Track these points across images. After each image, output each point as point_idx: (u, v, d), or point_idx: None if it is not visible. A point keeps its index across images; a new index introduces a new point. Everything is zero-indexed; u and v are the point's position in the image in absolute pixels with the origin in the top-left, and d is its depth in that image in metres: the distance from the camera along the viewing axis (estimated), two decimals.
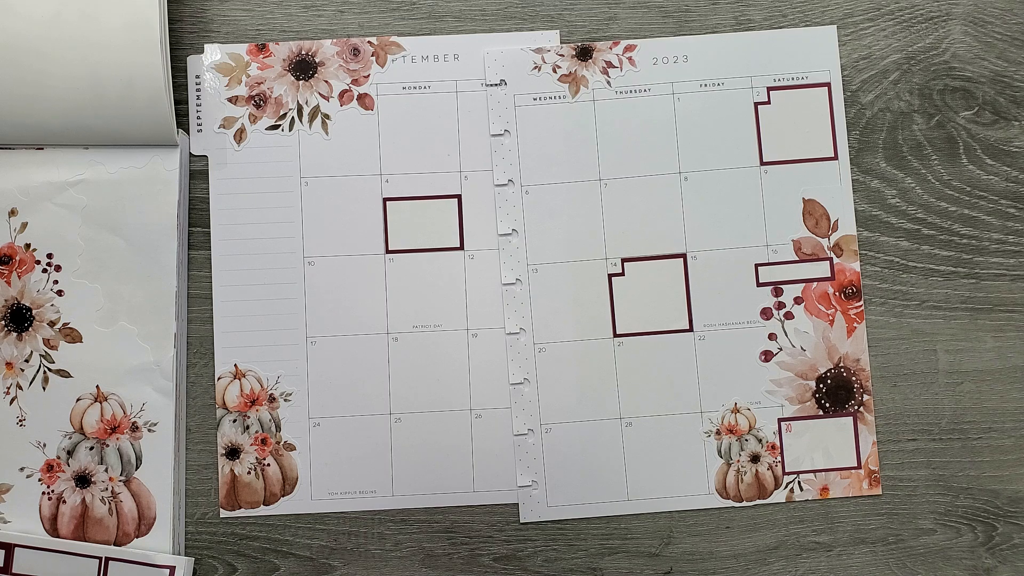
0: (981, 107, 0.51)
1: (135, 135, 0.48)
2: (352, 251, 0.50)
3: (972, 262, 0.50)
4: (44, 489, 0.48)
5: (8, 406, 0.48)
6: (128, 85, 0.46)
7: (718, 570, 0.49)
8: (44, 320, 0.48)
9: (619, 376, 0.49)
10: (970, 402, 0.50)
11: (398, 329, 0.49)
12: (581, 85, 0.50)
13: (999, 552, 0.49)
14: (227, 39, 0.50)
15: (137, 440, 0.48)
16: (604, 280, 0.50)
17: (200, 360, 0.49)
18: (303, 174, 0.50)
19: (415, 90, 0.50)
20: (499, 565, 0.49)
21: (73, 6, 0.46)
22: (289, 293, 0.49)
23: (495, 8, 0.51)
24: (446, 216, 0.50)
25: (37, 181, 0.48)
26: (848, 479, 0.49)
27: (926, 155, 0.51)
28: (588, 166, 0.50)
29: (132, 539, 0.48)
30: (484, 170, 0.50)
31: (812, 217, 0.50)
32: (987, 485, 0.49)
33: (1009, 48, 0.51)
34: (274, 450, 0.49)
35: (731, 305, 0.50)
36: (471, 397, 0.49)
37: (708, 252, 0.50)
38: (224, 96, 0.50)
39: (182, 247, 0.49)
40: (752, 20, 0.51)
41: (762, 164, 0.50)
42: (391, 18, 0.50)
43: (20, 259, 0.48)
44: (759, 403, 0.49)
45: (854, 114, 0.51)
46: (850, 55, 0.51)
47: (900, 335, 0.50)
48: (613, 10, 0.51)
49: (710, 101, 0.50)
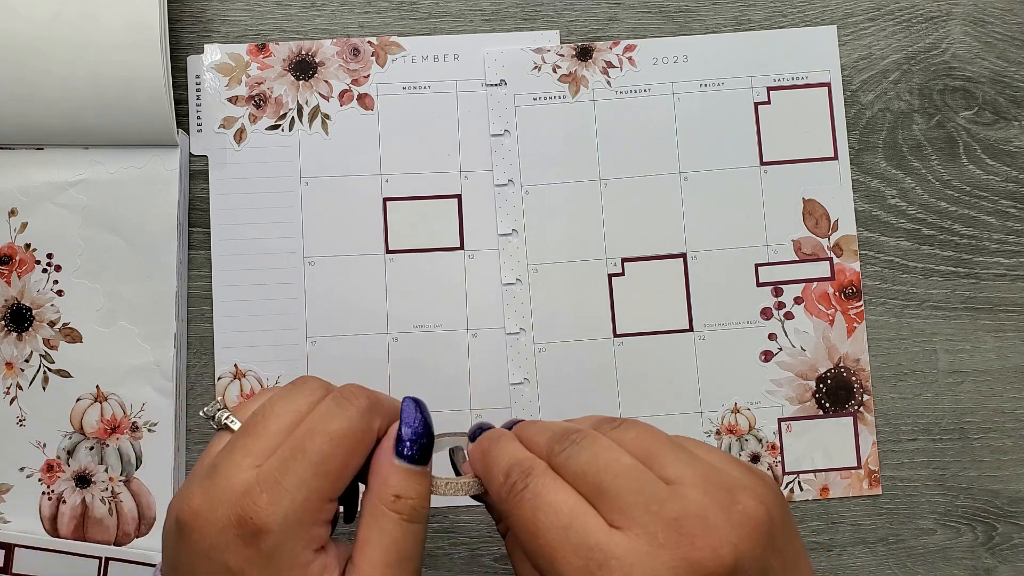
0: (981, 107, 0.51)
1: (135, 135, 0.48)
2: (352, 251, 0.50)
3: (972, 262, 0.50)
4: (44, 489, 0.48)
5: (8, 406, 0.48)
6: (128, 85, 0.46)
7: None
8: (44, 320, 0.48)
9: (619, 376, 0.49)
10: (970, 402, 0.50)
11: (398, 329, 0.49)
12: (581, 85, 0.50)
13: (999, 552, 0.49)
14: (227, 39, 0.50)
15: (137, 440, 0.48)
16: (604, 280, 0.50)
17: (200, 360, 0.49)
18: (303, 174, 0.50)
19: (415, 90, 0.50)
20: (499, 565, 0.49)
21: (73, 6, 0.46)
22: (289, 293, 0.49)
23: (495, 8, 0.51)
24: (446, 216, 0.50)
25: (37, 181, 0.48)
26: (848, 479, 0.49)
27: (926, 155, 0.51)
28: (588, 166, 0.50)
29: (132, 539, 0.48)
30: (484, 170, 0.50)
31: (812, 217, 0.50)
32: (987, 485, 0.49)
33: (1009, 48, 0.51)
34: None
35: (731, 305, 0.50)
36: (471, 397, 0.49)
37: (708, 252, 0.50)
38: (224, 96, 0.50)
39: (182, 247, 0.49)
40: (752, 20, 0.51)
41: (762, 164, 0.50)
42: (391, 18, 0.51)
43: (20, 259, 0.48)
44: (759, 403, 0.49)
45: (854, 114, 0.51)
46: (850, 55, 0.51)
47: (900, 335, 0.50)
48: (613, 10, 0.51)
49: (710, 101, 0.50)
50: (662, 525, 0.26)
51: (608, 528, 0.26)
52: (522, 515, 0.27)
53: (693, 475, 0.27)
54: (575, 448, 0.28)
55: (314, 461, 0.27)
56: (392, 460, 0.29)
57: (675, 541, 0.26)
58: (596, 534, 0.26)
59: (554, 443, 0.29)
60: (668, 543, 0.26)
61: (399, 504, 0.28)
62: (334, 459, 0.27)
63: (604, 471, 0.27)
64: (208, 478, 0.28)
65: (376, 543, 0.28)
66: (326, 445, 0.27)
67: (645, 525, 0.26)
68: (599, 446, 0.28)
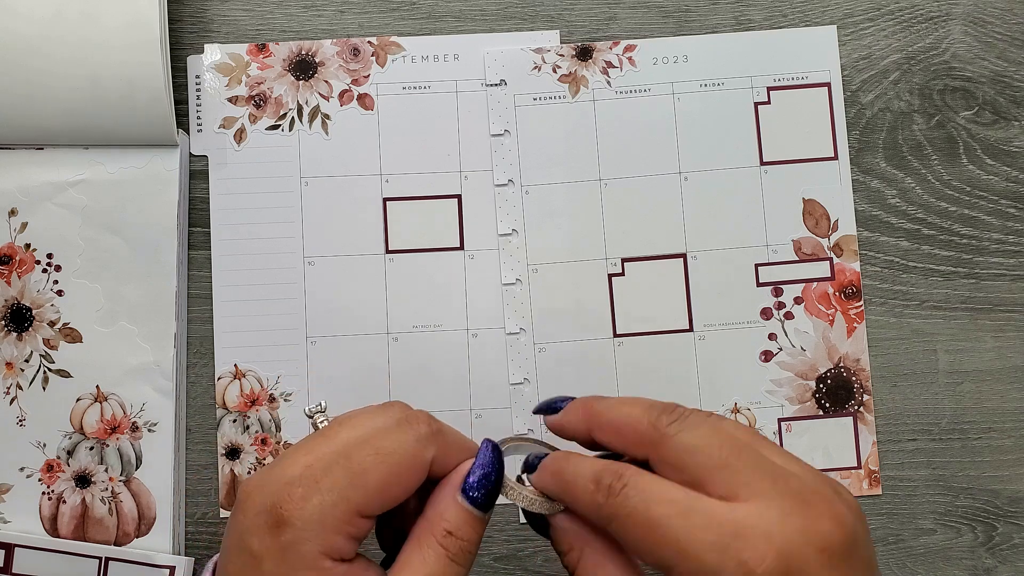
0: (981, 107, 0.51)
1: (135, 135, 0.48)
2: (352, 251, 0.50)
3: (972, 262, 0.50)
4: (44, 489, 0.48)
5: (8, 406, 0.48)
6: (128, 85, 0.46)
7: None
8: (44, 320, 0.48)
9: (619, 376, 0.49)
10: (970, 402, 0.50)
11: (398, 329, 0.49)
12: (581, 85, 0.50)
13: (999, 552, 0.49)
14: (227, 39, 0.50)
15: (137, 440, 0.48)
16: (604, 280, 0.50)
17: (200, 360, 0.49)
18: (303, 174, 0.50)
19: (415, 90, 0.50)
20: (499, 565, 0.49)
21: (73, 6, 0.46)
22: (289, 293, 0.49)
23: (495, 8, 0.51)
24: (446, 216, 0.50)
25: (37, 181, 0.48)
26: (848, 479, 0.49)
27: (926, 155, 0.51)
28: (588, 166, 0.50)
29: (132, 539, 0.48)
30: (484, 170, 0.50)
31: (812, 217, 0.50)
32: (987, 485, 0.49)
33: (1009, 48, 0.51)
34: (274, 450, 0.49)
35: (731, 305, 0.50)
36: (471, 397, 0.49)
37: (708, 252, 0.50)
38: (224, 96, 0.50)
39: (182, 247, 0.49)
40: (752, 20, 0.51)
41: (762, 164, 0.50)
42: (391, 18, 0.51)
43: (20, 259, 0.48)
44: (759, 403, 0.49)
45: (854, 114, 0.51)
46: (850, 55, 0.51)
47: (900, 335, 0.50)
48: (613, 10, 0.51)
49: (710, 101, 0.50)
50: (788, 496, 0.27)
51: (728, 503, 0.27)
52: (632, 513, 0.27)
53: (796, 463, 0.29)
54: (687, 423, 0.29)
55: (354, 471, 0.27)
56: (456, 496, 0.29)
57: (802, 511, 0.27)
58: (719, 509, 0.27)
59: (661, 415, 0.29)
60: (795, 512, 0.27)
61: (448, 540, 0.28)
62: (374, 473, 0.27)
63: (725, 445, 0.28)
64: (271, 465, 0.28)
65: (415, 570, 0.28)
66: (370, 458, 0.27)
67: (771, 496, 0.27)
68: (712, 422, 0.29)
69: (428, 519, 0.29)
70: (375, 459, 0.27)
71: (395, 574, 0.28)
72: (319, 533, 0.26)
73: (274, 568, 0.26)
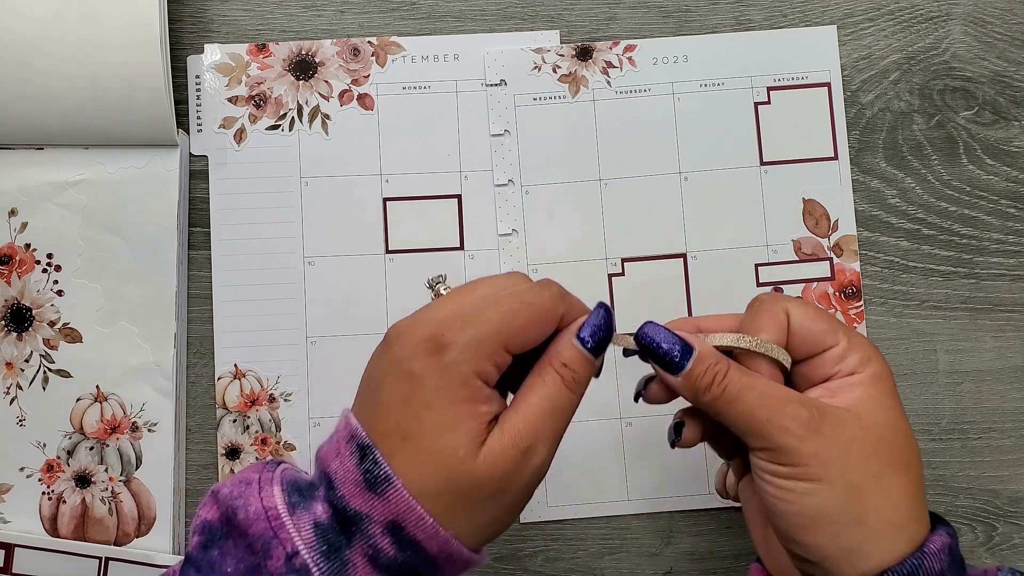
0: (981, 107, 0.51)
1: (135, 135, 0.48)
2: (352, 251, 0.50)
3: (972, 262, 0.50)
4: (44, 489, 0.48)
5: (8, 406, 0.48)
6: (128, 85, 0.46)
7: (718, 570, 0.49)
8: (44, 320, 0.48)
9: (619, 376, 0.49)
10: (970, 402, 0.50)
11: None
12: (581, 85, 0.50)
13: (999, 552, 0.49)
14: (227, 39, 0.50)
15: (137, 440, 0.48)
16: (604, 280, 0.50)
17: (200, 360, 0.49)
18: (303, 174, 0.50)
19: (415, 90, 0.50)
20: (499, 565, 0.49)
21: (73, 6, 0.46)
22: (289, 293, 0.49)
23: (495, 8, 0.51)
24: (446, 216, 0.50)
25: (37, 181, 0.48)
26: None
27: (926, 155, 0.51)
28: (588, 166, 0.50)
29: (132, 539, 0.48)
30: (484, 170, 0.50)
31: (812, 217, 0.50)
32: (987, 485, 0.49)
33: (1009, 48, 0.51)
34: (274, 450, 0.49)
35: (731, 305, 0.50)
36: None
37: (708, 252, 0.50)
38: (224, 96, 0.50)
39: (182, 247, 0.49)
40: (752, 20, 0.51)
41: (762, 164, 0.50)
42: (391, 18, 0.50)
43: (20, 259, 0.48)
44: None
45: (854, 114, 0.51)
46: (850, 55, 0.51)
47: (900, 335, 0.50)
48: (613, 10, 0.51)
49: (710, 101, 0.50)
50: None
51: None
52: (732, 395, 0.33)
53: None
54: None
55: (504, 312, 0.32)
56: (571, 339, 0.33)
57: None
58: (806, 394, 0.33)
59: None
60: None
61: (564, 371, 0.33)
62: (519, 316, 0.32)
63: None
64: (417, 312, 0.33)
65: (536, 391, 0.33)
66: (516, 304, 0.32)
67: None
68: None
69: (547, 355, 0.34)
70: (521, 306, 0.32)
71: (520, 394, 0.33)
72: (474, 356, 0.31)
73: (436, 382, 0.31)
